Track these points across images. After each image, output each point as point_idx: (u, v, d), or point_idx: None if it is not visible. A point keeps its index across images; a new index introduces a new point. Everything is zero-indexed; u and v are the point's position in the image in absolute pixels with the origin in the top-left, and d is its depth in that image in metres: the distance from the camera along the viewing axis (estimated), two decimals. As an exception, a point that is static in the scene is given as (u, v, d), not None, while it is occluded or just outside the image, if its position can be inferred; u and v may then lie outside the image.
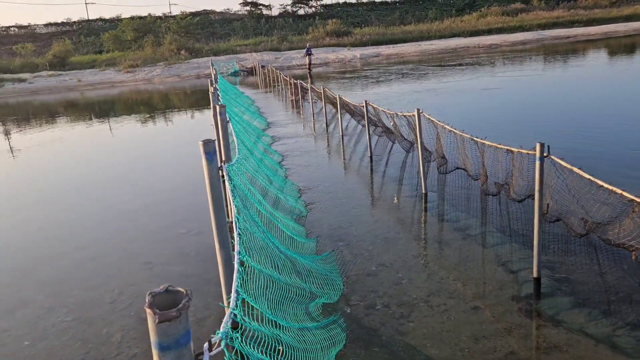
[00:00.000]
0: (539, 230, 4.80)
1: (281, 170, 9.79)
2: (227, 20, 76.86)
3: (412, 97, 19.42)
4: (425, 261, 5.83)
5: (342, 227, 7.03)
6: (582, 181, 4.46)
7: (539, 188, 4.57)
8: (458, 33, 55.87)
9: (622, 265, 5.14)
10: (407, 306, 4.88)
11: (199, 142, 3.82)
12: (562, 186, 4.97)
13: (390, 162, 10.41)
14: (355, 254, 6.12)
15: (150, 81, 44.60)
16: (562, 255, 5.55)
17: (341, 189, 8.82)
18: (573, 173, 4.44)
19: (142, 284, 5.98)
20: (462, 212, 7.18)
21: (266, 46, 54.96)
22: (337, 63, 44.18)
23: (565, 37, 47.48)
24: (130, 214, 8.86)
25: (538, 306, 4.67)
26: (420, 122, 7.30)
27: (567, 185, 4.77)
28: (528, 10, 67.42)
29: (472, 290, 5.06)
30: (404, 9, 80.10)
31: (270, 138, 13.59)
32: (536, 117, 13.68)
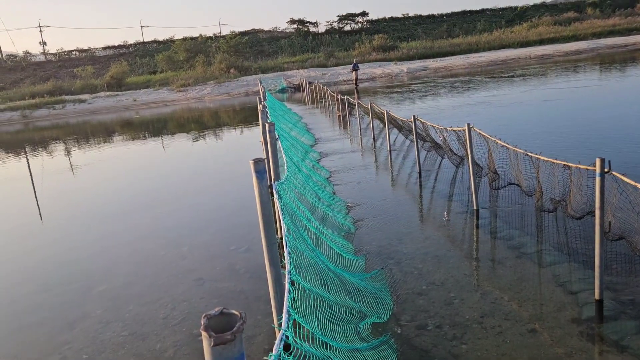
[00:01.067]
0: (600, 249, 4.57)
1: (329, 187, 9.81)
2: (274, 38, 78.49)
3: (461, 111, 19.09)
4: (478, 280, 5.65)
5: (391, 244, 6.94)
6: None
7: (600, 205, 4.35)
8: (508, 44, 54.74)
9: (693, 287, 4.80)
10: (460, 327, 4.73)
11: (250, 161, 3.88)
12: (624, 203, 4.72)
13: (439, 177, 10.23)
14: (405, 272, 6.02)
15: (201, 99, 46.02)
16: (626, 275, 5.25)
17: (390, 205, 8.73)
18: (637, 189, 4.21)
19: (194, 300, 6.10)
20: (516, 229, 6.94)
21: (313, 62, 55.68)
22: (383, 78, 44.14)
23: (622, 45, 45.55)
24: (181, 230, 9.09)
25: (600, 330, 4.43)
26: (470, 136, 7.14)
27: (630, 202, 4.52)
28: (582, 19, 65.30)
29: (529, 311, 4.86)
30: (451, 21, 79.35)
31: (318, 154, 13.66)
32: (594, 130, 13.13)
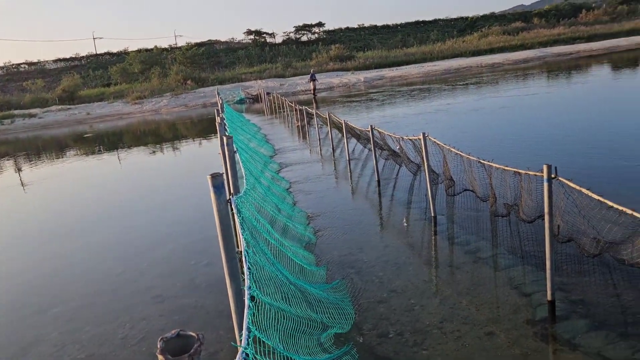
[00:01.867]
0: (551, 252, 4.75)
1: (289, 198, 9.81)
2: (231, 49, 78.11)
3: (419, 119, 19.51)
4: (437, 286, 5.77)
5: (352, 253, 7.00)
6: (591, 201, 4.43)
7: (549, 210, 4.54)
8: (460, 53, 56.41)
9: (638, 285, 5.06)
10: (421, 333, 4.81)
11: (207, 176, 3.84)
12: (571, 207, 4.93)
13: (398, 185, 10.40)
14: (366, 281, 6.08)
15: (157, 112, 45.21)
16: (576, 276, 5.48)
17: (350, 215, 8.80)
18: (582, 194, 4.42)
19: (153, 318, 5.96)
20: (472, 234, 7.13)
21: (271, 73, 55.72)
22: (341, 87, 44.60)
23: (567, 53, 47.70)
24: (139, 247, 8.88)
25: (554, 330, 4.60)
26: (426, 145, 7.31)
27: (577, 206, 4.73)
28: (529, 28, 68.03)
29: (486, 315, 4.99)
30: (405, 31, 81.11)
31: (277, 165, 13.65)
32: (543, 137, 13.67)
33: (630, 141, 11.59)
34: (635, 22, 63.28)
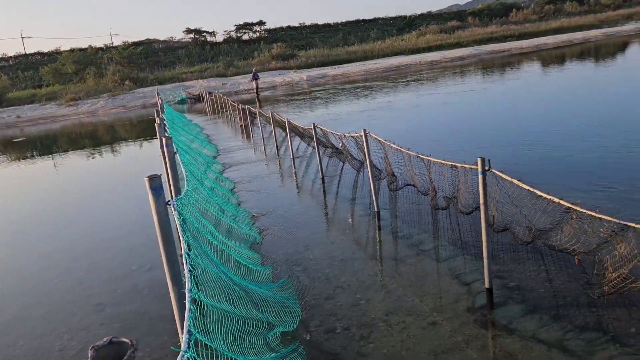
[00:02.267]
0: (487, 242, 4.95)
1: (233, 198, 9.69)
2: (171, 48, 76.17)
3: (362, 116, 19.77)
4: (382, 280, 5.87)
5: (298, 251, 7.01)
6: (523, 192, 4.65)
7: (484, 201, 4.72)
8: (400, 51, 57.65)
9: (567, 269, 5.35)
10: (367, 327, 4.89)
11: (145, 178, 3.73)
12: (505, 197, 5.16)
13: (342, 182, 10.50)
14: (312, 278, 6.10)
15: (94, 113, 43.44)
16: (512, 263, 5.74)
17: (295, 213, 8.81)
18: (514, 184, 4.63)
19: (93, 327, 5.73)
20: (415, 227, 7.31)
21: (212, 72, 54.81)
22: (284, 86, 44.51)
23: (500, 51, 49.76)
24: (76, 254, 8.51)
25: (492, 316, 4.79)
26: (367, 142, 7.43)
27: (509, 197, 4.95)
28: (464, 27, 70.50)
29: (429, 305, 5.14)
30: (346, 30, 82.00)
31: (221, 165, 13.46)
32: (479, 132, 14.20)
33: (559, 134, 12.23)
34: (561, 21, 66.95)
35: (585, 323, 4.41)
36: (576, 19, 68.32)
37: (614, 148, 10.12)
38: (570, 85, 22.08)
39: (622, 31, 55.59)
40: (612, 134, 11.34)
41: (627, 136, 10.88)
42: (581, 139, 11.31)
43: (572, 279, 5.15)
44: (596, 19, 67.15)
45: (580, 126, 12.83)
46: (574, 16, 73.06)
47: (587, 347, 4.10)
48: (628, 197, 7.34)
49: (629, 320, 4.35)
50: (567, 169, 9.30)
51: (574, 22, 65.97)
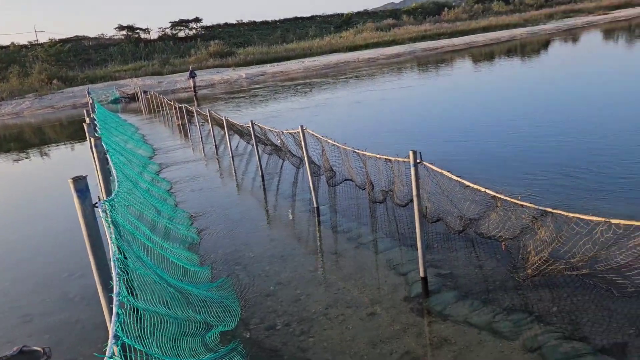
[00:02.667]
0: (421, 232, 5.11)
1: (170, 199, 9.46)
2: (102, 45, 73.02)
3: (302, 113, 19.81)
4: (322, 274, 5.93)
5: (237, 250, 6.95)
6: (454, 183, 4.82)
7: (417, 193, 4.87)
8: (338, 49, 58.15)
9: (496, 255, 5.62)
10: (307, 322, 4.92)
11: (68, 180, 3.58)
12: (436, 189, 5.34)
13: (282, 179, 10.49)
14: (252, 276, 6.07)
15: (19, 115, 41.00)
16: (446, 252, 5.95)
17: (235, 211, 8.72)
18: (444, 176, 4.79)
19: (20, 340, 5.41)
20: (354, 221, 7.42)
21: (147, 71, 53.09)
22: (223, 84, 43.84)
23: (433, 48, 51.32)
24: (1, 263, 8.02)
25: (427, 304, 4.95)
26: (304, 138, 7.46)
27: (440, 187, 5.13)
28: (399, 25, 72.15)
29: (368, 296, 5.24)
30: (285, 27, 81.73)
31: (157, 166, 13.09)
32: (414, 126, 14.61)
33: (490, 128, 12.79)
34: (489, 20, 69.90)
35: (512, 305, 4.65)
36: (503, 18, 71.51)
37: (541, 140, 10.70)
38: (499, 81, 23.13)
39: (544, 29, 58.81)
40: (538, 127, 11.99)
41: (552, 129, 11.54)
42: (511, 133, 11.87)
43: (501, 264, 5.41)
44: (521, 18, 70.58)
45: (510, 120, 13.47)
46: (501, 15, 76.43)
47: (514, 328, 4.32)
48: (552, 184, 7.79)
49: (551, 300, 4.62)
50: (498, 161, 9.74)
51: (501, 20, 69.02)
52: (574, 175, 8.04)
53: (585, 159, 8.86)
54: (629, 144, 9.41)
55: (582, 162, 8.74)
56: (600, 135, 10.35)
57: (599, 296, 4.51)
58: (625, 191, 7.11)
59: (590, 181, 7.71)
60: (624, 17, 64.62)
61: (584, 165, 8.54)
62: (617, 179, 7.66)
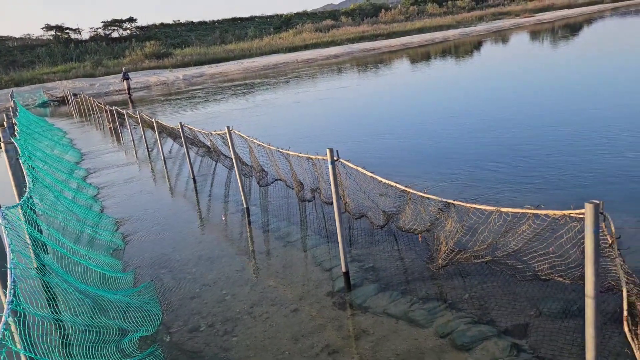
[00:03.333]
0: (341, 228, 5.23)
1: (96, 205, 9.15)
2: (29, 46, 69.31)
3: (242, 114, 19.66)
4: (249, 274, 5.94)
5: (165, 253, 6.83)
6: (371, 180, 4.97)
7: (335, 189, 4.98)
8: (277, 49, 58.14)
9: (415, 247, 5.83)
10: (231, 322, 4.93)
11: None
12: (355, 185, 5.49)
13: (215, 181, 10.40)
14: (178, 279, 6.00)
15: None
16: (369, 247, 6.11)
17: (164, 214, 8.56)
18: (364, 172, 4.93)
19: None
20: (283, 220, 7.48)
21: (78, 73, 50.91)
22: (159, 86, 42.76)
23: (371, 49, 52.31)
24: None
25: (349, 298, 5.08)
26: (232, 138, 7.44)
27: (358, 184, 5.27)
28: (338, 26, 72.99)
29: (293, 293, 5.30)
30: (223, 28, 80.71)
31: (84, 171, 12.61)
32: (347, 125, 14.86)
33: (417, 125, 13.21)
34: (424, 21, 72.08)
35: (427, 294, 4.85)
36: (437, 20, 73.97)
37: (467, 137, 11.18)
38: (431, 81, 23.90)
39: (475, 31, 61.31)
40: (465, 125, 12.51)
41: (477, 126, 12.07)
42: (440, 130, 12.32)
43: (418, 255, 5.62)
44: (453, 20, 73.26)
45: (440, 119, 13.96)
46: (435, 17, 79.05)
47: (428, 316, 4.51)
48: (471, 178, 8.16)
49: (463, 288, 4.86)
50: (426, 157, 10.08)
51: (435, 22, 71.35)
52: (493, 169, 8.47)
53: (505, 154, 9.34)
54: (544, 139, 10.01)
55: (503, 156, 9.20)
56: (519, 131, 10.94)
57: (505, 281, 4.80)
58: (539, 182, 7.56)
59: (508, 174, 8.13)
60: (547, 19, 68.45)
61: (504, 159, 9.00)
62: (533, 171, 8.13)
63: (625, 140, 9.08)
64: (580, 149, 8.93)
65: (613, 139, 9.25)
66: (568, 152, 8.86)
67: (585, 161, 8.24)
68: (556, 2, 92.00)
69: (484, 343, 4.03)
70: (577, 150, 8.92)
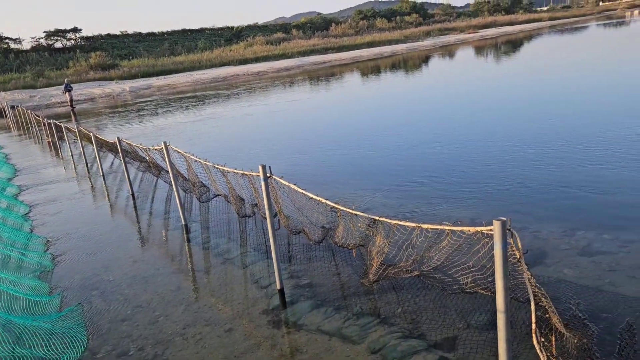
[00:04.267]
0: (275, 245, 5.19)
1: (27, 224, 8.72)
2: (-37, 56, 65.79)
3: (189, 127, 19.32)
4: (185, 293, 5.79)
5: (97, 274, 6.57)
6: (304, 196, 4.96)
7: (268, 206, 4.94)
8: (228, 62, 57.77)
9: (352, 262, 5.86)
10: (163, 344, 4.77)
11: None
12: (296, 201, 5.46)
13: (156, 197, 10.14)
14: (109, 301, 5.77)
15: None
16: (307, 262, 6.09)
17: (100, 233, 8.25)
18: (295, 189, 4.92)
19: None
20: (223, 237, 7.36)
21: (18, 84, 48.78)
22: (104, 98, 41.52)
23: (321, 62, 52.84)
24: None
25: (284, 316, 5.02)
26: (169, 154, 7.28)
27: (291, 200, 5.26)
28: (289, 39, 73.39)
29: (227, 313, 5.20)
30: (173, 39, 79.49)
31: (17, 188, 12.02)
32: (295, 140, 14.87)
33: (360, 140, 13.38)
34: (374, 36, 73.56)
35: (361, 310, 4.86)
36: (386, 34, 75.65)
37: (407, 152, 11.40)
38: (378, 95, 24.33)
39: (422, 45, 63.16)
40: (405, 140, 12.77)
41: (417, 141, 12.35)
42: (383, 145, 12.52)
43: (355, 270, 5.65)
44: (402, 35, 75.18)
45: (383, 133, 14.19)
46: (384, 31, 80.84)
47: (361, 332, 4.52)
48: (411, 194, 8.32)
49: (397, 302, 4.91)
50: (368, 172, 10.19)
51: (384, 36, 72.95)
52: (432, 183, 8.67)
53: (443, 169, 9.58)
54: (479, 154, 10.34)
55: (440, 171, 9.43)
56: (458, 145, 11.27)
57: (437, 295, 4.88)
58: (474, 196, 7.78)
59: (444, 189, 8.33)
60: (490, 35, 71.37)
61: (441, 174, 9.23)
62: (468, 185, 8.37)
63: (555, 155, 9.52)
64: (514, 163, 9.28)
65: (545, 153, 9.68)
66: (502, 165, 9.18)
67: (517, 174, 8.56)
68: (499, 20, 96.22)
69: (413, 357, 4.07)
70: (511, 164, 9.26)
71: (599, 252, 5.39)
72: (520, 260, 2.69)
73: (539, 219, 6.50)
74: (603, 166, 8.36)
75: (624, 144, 9.48)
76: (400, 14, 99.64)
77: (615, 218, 6.29)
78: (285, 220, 6.09)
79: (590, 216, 6.42)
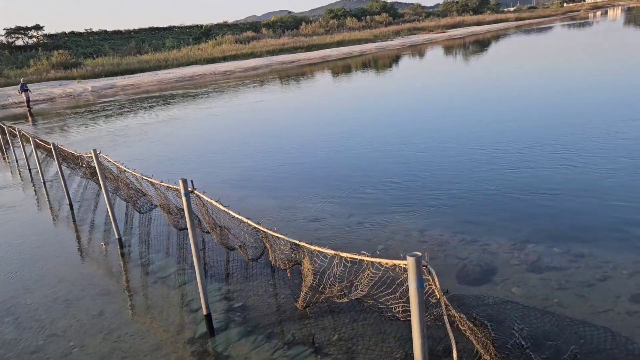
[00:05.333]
0: (199, 264, 4.71)
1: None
2: None
3: (150, 128, 18.58)
4: (106, 319, 5.26)
5: (14, 296, 5.98)
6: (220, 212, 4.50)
7: (190, 224, 4.47)
8: (196, 61, 56.62)
9: (290, 282, 5.41)
10: (71, 382, 4.25)
11: None
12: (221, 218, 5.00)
13: (98, 207, 9.50)
14: (22, 329, 5.20)
15: None
16: (244, 281, 5.63)
17: (26, 248, 7.61)
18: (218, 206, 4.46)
19: None
20: (160, 252, 6.84)
21: (-27, 83, 46.72)
22: (65, 98, 40.07)
23: (290, 61, 52.27)
24: None
25: (210, 344, 4.56)
26: (99, 163, 6.72)
27: (216, 217, 4.80)
28: (258, 38, 72.52)
29: (150, 342, 4.70)
30: (140, 37, 77.72)
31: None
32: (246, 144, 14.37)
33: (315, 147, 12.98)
34: (343, 35, 73.33)
35: (294, 338, 4.43)
36: (356, 33, 75.49)
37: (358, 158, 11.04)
38: (344, 96, 23.99)
39: (391, 45, 63.20)
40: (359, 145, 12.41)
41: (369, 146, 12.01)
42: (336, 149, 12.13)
43: (292, 291, 5.21)
44: (371, 34, 75.11)
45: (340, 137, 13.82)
46: (354, 30, 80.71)
47: (290, 363, 4.10)
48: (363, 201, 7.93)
49: (333, 328, 4.49)
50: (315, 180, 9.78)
51: (354, 36, 72.75)
52: (386, 191, 8.31)
53: (400, 174, 9.24)
54: (438, 158, 10.05)
55: (397, 177, 9.09)
56: (418, 149, 10.96)
57: (375, 320, 4.48)
58: (427, 204, 7.44)
59: (398, 197, 7.97)
60: (458, 35, 71.98)
61: (398, 179, 8.88)
62: (422, 192, 8.03)
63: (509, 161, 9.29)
64: (470, 169, 9.01)
65: (498, 158, 9.44)
66: (457, 173, 8.89)
67: (473, 181, 8.27)
68: (467, 20, 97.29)
69: (343, 395, 3.66)
70: (467, 170, 8.98)
71: (548, 267, 5.08)
72: (440, 302, 2.30)
73: (491, 230, 6.19)
74: (560, 172, 8.14)
75: (583, 148, 9.31)
76: (370, 13, 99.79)
77: (568, 228, 6.02)
78: (218, 236, 5.62)
79: (542, 227, 6.13)
